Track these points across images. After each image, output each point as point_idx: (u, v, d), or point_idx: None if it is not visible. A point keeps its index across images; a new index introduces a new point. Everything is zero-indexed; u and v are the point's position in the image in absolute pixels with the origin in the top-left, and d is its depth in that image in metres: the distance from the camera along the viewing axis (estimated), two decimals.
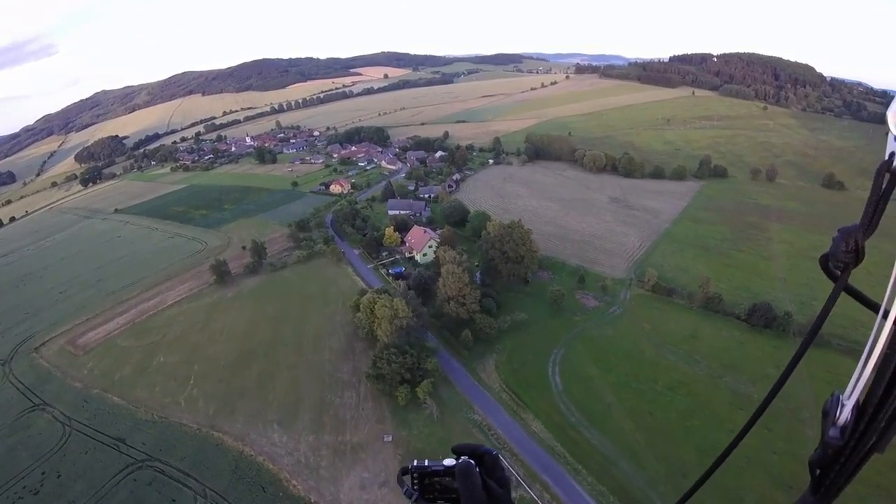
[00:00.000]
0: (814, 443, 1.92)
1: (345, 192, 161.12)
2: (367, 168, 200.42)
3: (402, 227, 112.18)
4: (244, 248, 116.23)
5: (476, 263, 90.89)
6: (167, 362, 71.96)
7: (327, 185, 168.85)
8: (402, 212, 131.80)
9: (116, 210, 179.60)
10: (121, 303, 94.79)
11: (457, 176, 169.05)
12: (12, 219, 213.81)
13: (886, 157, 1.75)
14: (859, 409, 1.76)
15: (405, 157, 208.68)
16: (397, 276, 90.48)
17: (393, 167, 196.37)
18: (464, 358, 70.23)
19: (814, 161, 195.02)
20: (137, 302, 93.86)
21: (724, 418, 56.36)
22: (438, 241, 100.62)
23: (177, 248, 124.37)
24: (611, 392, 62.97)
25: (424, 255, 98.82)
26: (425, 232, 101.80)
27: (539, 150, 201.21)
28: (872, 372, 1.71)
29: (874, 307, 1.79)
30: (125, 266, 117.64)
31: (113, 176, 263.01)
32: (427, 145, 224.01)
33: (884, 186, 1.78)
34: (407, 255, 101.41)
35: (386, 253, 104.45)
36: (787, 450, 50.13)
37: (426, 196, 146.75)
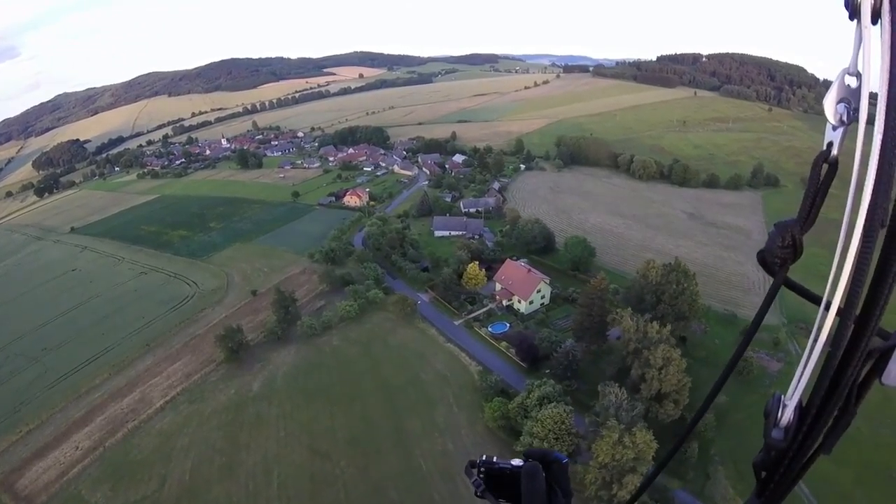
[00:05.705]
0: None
1: (363, 204, 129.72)
2: (378, 174, 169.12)
3: (476, 257, 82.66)
4: (254, 292, 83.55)
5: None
6: None
7: (338, 196, 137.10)
8: (452, 233, 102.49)
9: (73, 229, 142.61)
10: (78, 397, 60.49)
11: (496, 184, 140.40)
12: None
13: (824, 147, 1.64)
14: (802, 409, 1.64)
15: (416, 161, 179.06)
16: (515, 344, 60.31)
17: (409, 173, 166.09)
18: (690, 482, 43.63)
19: (846, 168, 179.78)
20: (105, 400, 59.26)
21: None
22: (548, 282, 71.74)
23: (155, 293, 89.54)
24: (865, 498, 43.79)
25: (531, 303, 69.73)
26: (529, 271, 71.92)
27: (573, 154, 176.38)
28: (815, 369, 1.56)
29: (816, 300, 1.66)
30: (82, 324, 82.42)
31: (72, 185, 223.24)
32: (437, 147, 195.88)
33: (822, 178, 1.66)
34: (505, 302, 71.46)
35: (467, 299, 74.19)
36: None
37: (473, 210, 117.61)
